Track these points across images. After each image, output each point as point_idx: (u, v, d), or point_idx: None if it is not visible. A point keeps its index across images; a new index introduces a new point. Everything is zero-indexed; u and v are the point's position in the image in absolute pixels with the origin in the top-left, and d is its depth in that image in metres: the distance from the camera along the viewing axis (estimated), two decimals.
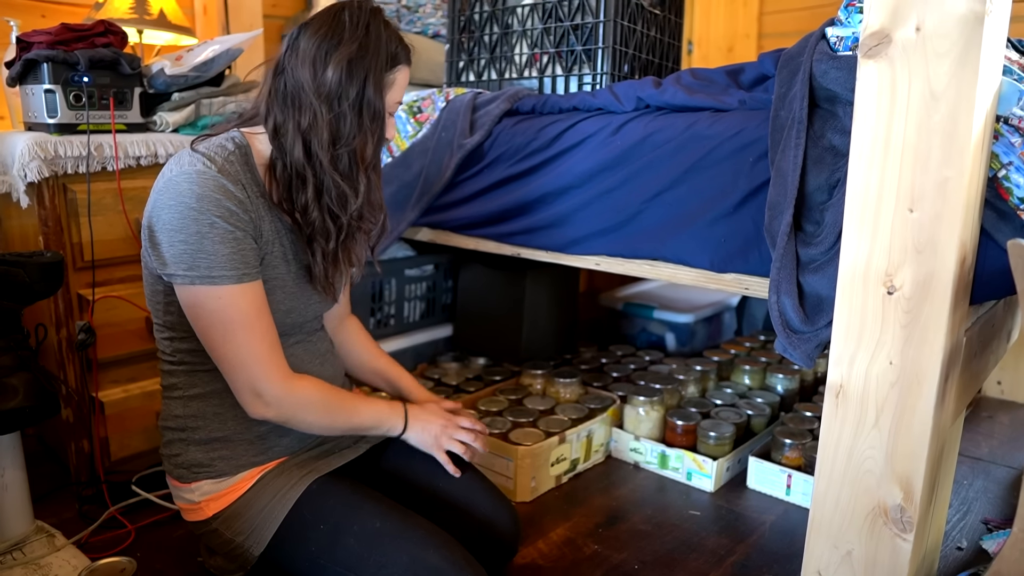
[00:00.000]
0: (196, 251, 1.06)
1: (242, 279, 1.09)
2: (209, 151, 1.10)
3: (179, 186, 1.06)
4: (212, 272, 1.06)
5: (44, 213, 1.52)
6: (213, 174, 1.07)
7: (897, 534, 0.96)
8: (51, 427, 1.75)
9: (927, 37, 0.84)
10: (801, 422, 1.84)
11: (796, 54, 1.19)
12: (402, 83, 1.21)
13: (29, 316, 1.46)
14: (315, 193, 1.15)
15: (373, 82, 1.13)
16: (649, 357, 2.29)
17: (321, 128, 1.11)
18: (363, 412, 1.24)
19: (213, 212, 1.06)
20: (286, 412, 1.14)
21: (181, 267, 1.07)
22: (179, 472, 1.21)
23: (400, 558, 1.09)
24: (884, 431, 0.95)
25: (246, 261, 1.10)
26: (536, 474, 1.65)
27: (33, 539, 1.37)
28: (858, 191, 0.92)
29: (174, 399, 1.22)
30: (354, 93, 1.12)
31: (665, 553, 1.46)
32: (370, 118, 1.15)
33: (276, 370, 1.12)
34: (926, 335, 0.90)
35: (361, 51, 1.13)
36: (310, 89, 1.11)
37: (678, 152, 1.30)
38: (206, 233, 1.06)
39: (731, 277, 1.28)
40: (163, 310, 1.18)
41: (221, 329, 1.09)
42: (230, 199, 1.08)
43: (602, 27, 1.69)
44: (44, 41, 1.51)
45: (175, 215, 1.06)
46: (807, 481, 1.62)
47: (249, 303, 1.10)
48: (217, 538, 1.20)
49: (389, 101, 1.18)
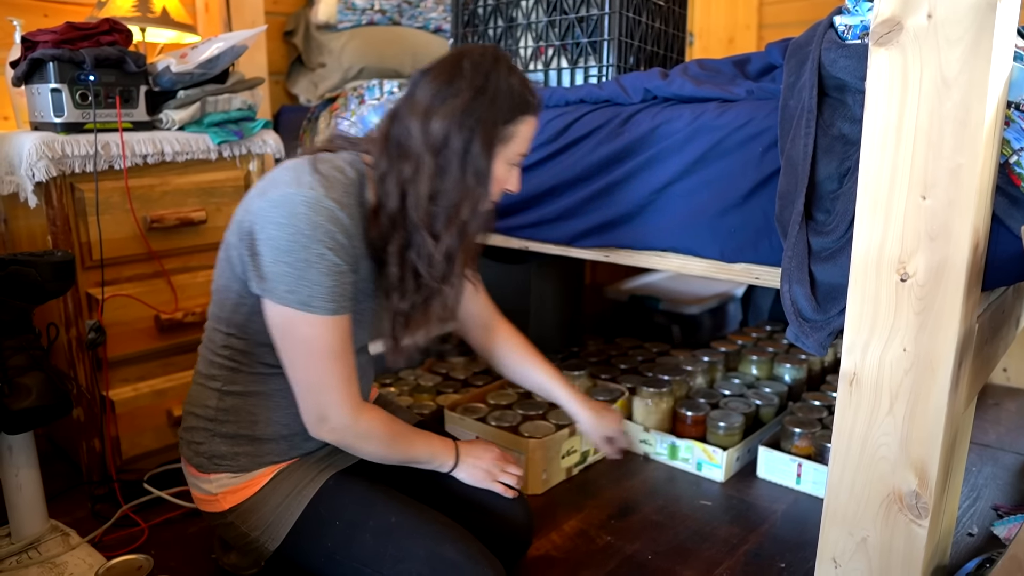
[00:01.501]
0: (299, 277, 1.04)
1: (337, 312, 1.08)
2: (329, 176, 1.08)
3: (295, 207, 1.04)
4: (312, 301, 1.05)
5: (52, 212, 1.52)
6: (330, 204, 1.05)
7: (912, 520, 0.96)
8: (62, 426, 1.75)
9: (939, 24, 0.84)
10: (810, 411, 1.84)
11: (804, 43, 1.19)
12: (526, 135, 1.14)
13: (39, 316, 1.47)
14: (401, 246, 1.12)
15: (482, 137, 1.08)
16: (656, 349, 2.29)
17: (421, 181, 1.08)
18: (418, 447, 1.22)
19: (325, 243, 1.04)
20: (348, 440, 1.14)
21: (281, 287, 1.05)
22: (198, 460, 1.21)
23: (417, 553, 1.10)
24: (898, 418, 0.95)
25: (344, 294, 1.08)
26: (547, 467, 1.66)
27: (48, 538, 1.37)
28: (870, 179, 0.92)
29: (210, 389, 1.21)
30: (460, 147, 1.07)
31: (678, 543, 1.46)
32: (473, 176, 1.09)
33: (348, 400, 1.11)
34: (940, 322, 0.90)
35: (475, 103, 1.07)
36: (418, 139, 1.08)
37: (686, 143, 1.30)
38: (314, 262, 1.04)
39: (741, 267, 1.28)
40: (231, 308, 1.16)
41: (305, 354, 1.08)
42: (342, 232, 1.06)
43: (607, 19, 1.69)
44: (49, 40, 1.51)
45: (285, 236, 1.04)
46: (817, 470, 1.63)
47: (338, 335, 1.09)
48: (232, 531, 1.21)
49: (510, 154, 1.13)
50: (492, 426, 1.72)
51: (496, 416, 1.77)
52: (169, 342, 1.71)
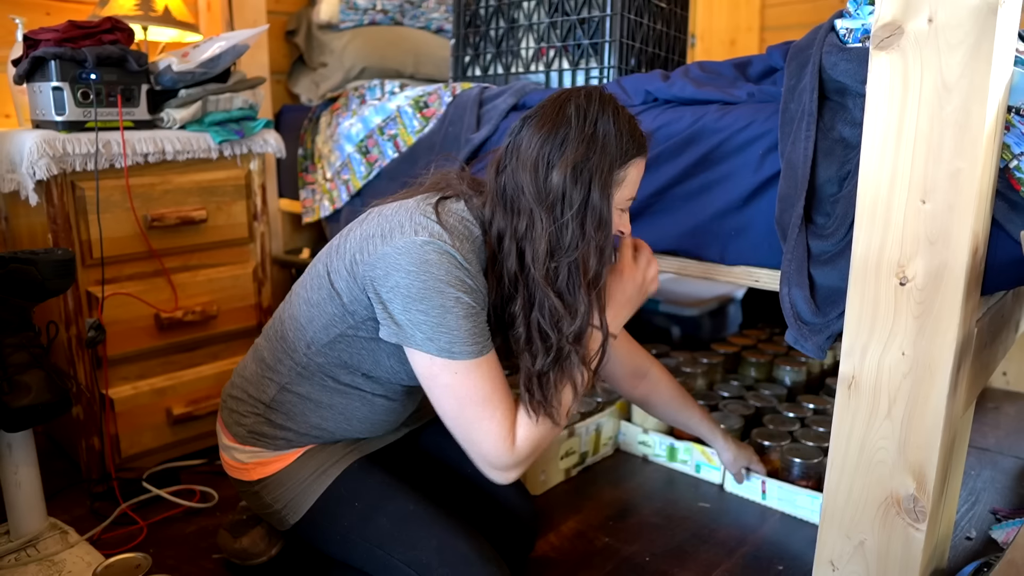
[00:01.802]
0: (438, 324, 1.02)
1: (480, 353, 1.04)
2: (457, 230, 1.05)
3: (426, 255, 1.01)
4: (453, 347, 1.02)
5: (53, 211, 1.52)
6: (457, 255, 1.02)
7: (910, 524, 0.96)
8: (61, 424, 1.76)
9: (940, 28, 0.84)
10: (782, 423, 1.77)
11: (805, 46, 1.19)
12: (635, 178, 1.10)
13: (40, 314, 1.47)
14: (525, 307, 1.08)
15: (600, 185, 1.03)
16: (656, 350, 2.29)
17: (539, 237, 1.03)
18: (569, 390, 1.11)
19: (458, 287, 1.02)
20: (524, 466, 1.10)
21: (419, 335, 1.03)
22: (236, 430, 1.23)
23: (430, 542, 1.12)
24: (896, 422, 0.95)
25: (484, 333, 1.05)
26: (546, 468, 1.66)
27: (46, 536, 1.37)
28: (870, 182, 0.93)
29: (272, 381, 1.21)
30: (579, 200, 1.03)
31: (676, 545, 1.46)
32: (595, 226, 1.04)
33: (504, 443, 1.06)
34: (939, 326, 0.90)
35: (589, 152, 1.03)
36: (531, 195, 1.04)
37: (687, 145, 1.30)
38: (451, 308, 1.01)
39: (741, 270, 1.28)
40: (321, 327, 1.14)
41: (455, 402, 1.06)
42: (472, 277, 1.04)
43: (609, 21, 1.69)
44: (51, 38, 1.51)
45: (417, 283, 1.01)
46: (782, 487, 1.57)
47: (483, 377, 1.05)
48: (257, 500, 1.23)
49: (621, 199, 1.10)
50: None
51: None
52: (169, 341, 1.71)
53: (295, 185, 2.21)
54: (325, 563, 1.27)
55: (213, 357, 1.80)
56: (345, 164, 1.97)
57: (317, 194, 2.10)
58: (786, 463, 1.62)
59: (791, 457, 1.60)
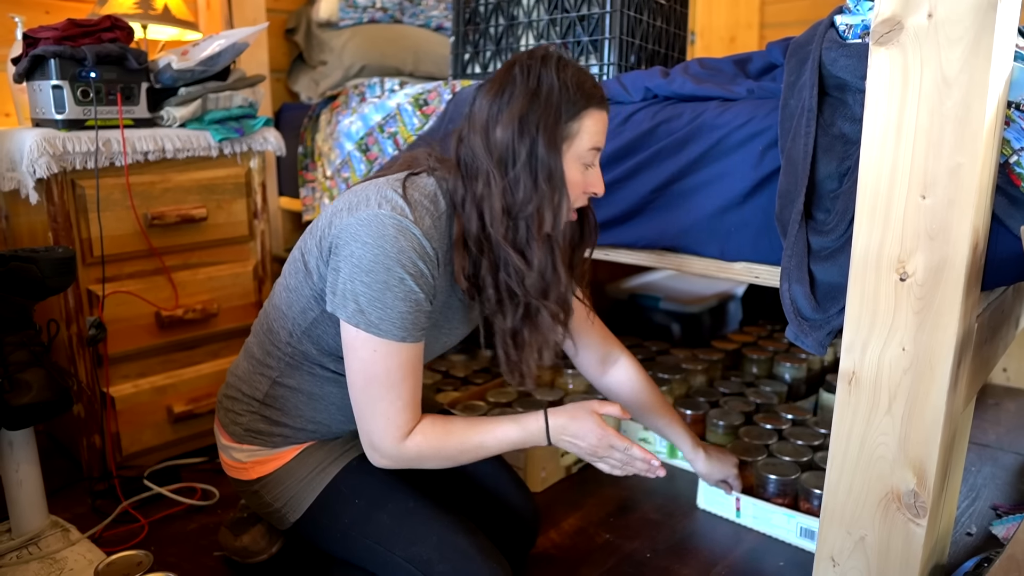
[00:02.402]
0: (374, 299, 1.02)
1: (404, 339, 1.05)
2: (421, 204, 1.07)
3: (384, 228, 1.02)
4: (381, 324, 1.03)
5: (53, 209, 1.52)
6: (418, 232, 1.03)
7: (910, 519, 0.96)
8: (62, 423, 1.76)
9: (939, 23, 0.84)
10: (759, 436, 1.68)
11: (805, 42, 1.19)
12: (592, 129, 1.08)
13: (40, 312, 1.47)
14: (491, 269, 1.09)
15: (546, 138, 1.04)
16: (656, 347, 2.29)
17: (494, 196, 1.05)
18: (489, 440, 1.12)
19: (407, 268, 1.02)
20: (402, 465, 1.11)
21: (351, 305, 1.03)
22: (233, 429, 1.23)
23: (430, 538, 1.13)
24: (897, 417, 0.95)
25: (416, 324, 1.06)
26: (546, 465, 1.66)
27: (48, 534, 1.37)
28: (870, 178, 0.93)
29: (263, 376, 1.22)
30: (525, 153, 1.04)
31: (676, 542, 1.46)
32: (546, 179, 1.05)
33: (397, 432, 1.08)
34: (939, 321, 0.90)
35: (532, 105, 1.04)
36: (482, 156, 1.06)
37: (687, 142, 1.30)
38: (393, 286, 1.02)
39: (741, 266, 1.28)
40: (300, 311, 1.15)
41: (364, 377, 1.07)
42: (427, 262, 1.05)
43: (608, 17, 1.69)
44: (51, 37, 1.51)
45: (368, 254, 1.02)
46: (756, 505, 1.49)
47: (399, 363, 1.06)
48: (257, 500, 1.24)
49: (580, 151, 1.08)
50: None
51: (496, 414, 1.77)
52: (169, 339, 1.71)
53: (295, 183, 2.21)
54: (326, 561, 1.27)
55: (213, 355, 1.80)
56: (345, 162, 1.97)
57: (317, 192, 2.10)
58: (761, 480, 1.52)
59: (766, 473, 1.50)
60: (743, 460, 1.54)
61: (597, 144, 1.10)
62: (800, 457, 1.56)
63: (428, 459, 1.11)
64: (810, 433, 1.68)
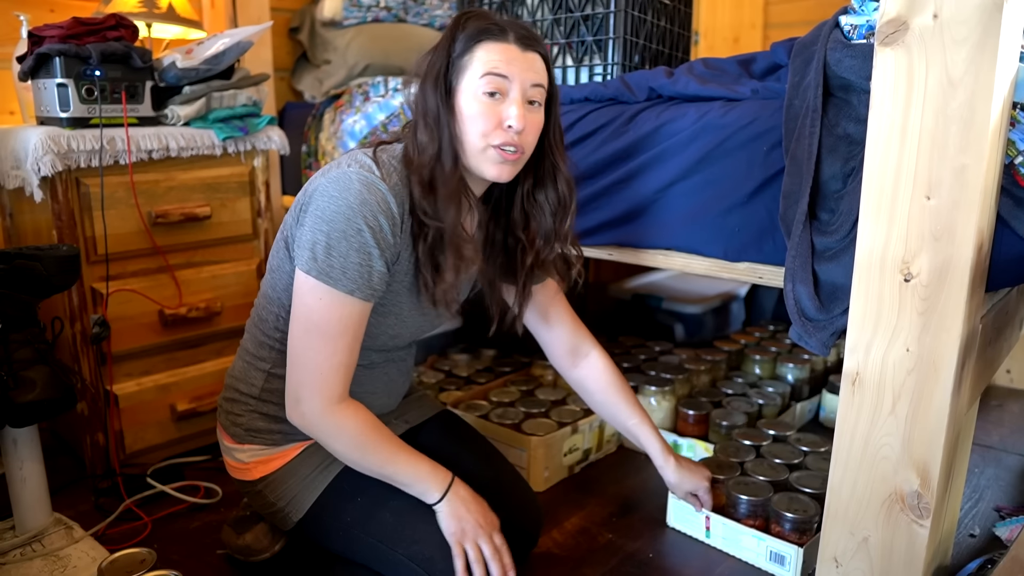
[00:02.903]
0: (329, 246, 1.05)
1: (352, 293, 1.06)
2: (388, 164, 1.11)
3: (350, 183, 1.05)
4: (331, 272, 1.05)
5: (57, 207, 1.52)
6: (383, 187, 1.07)
7: (914, 520, 0.96)
8: (65, 420, 1.76)
9: (945, 24, 0.84)
10: (735, 452, 1.60)
11: (810, 43, 1.18)
12: (486, 57, 1.08)
13: (45, 310, 1.47)
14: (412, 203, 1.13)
15: (431, 81, 1.09)
16: (659, 347, 2.29)
17: (409, 139, 1.12)
18: (400, 464, 1.14)
19: (367, 219, 1.05)
20: (315, 431, 1.12)
21: (307, 253, 1.06)
22: (234, 430, 1.24)
23: (433, 536, 1.13)
24: (901, 418, 0.95)
25: (366, 280, 1.07)
26: (549, 464, 1.66)
27: (51, 531, 1.38)
28: (875, 179, 0.92)
29: (257, 369, 1.23)
30: (421, 101, 1.11)
31: (679, 541, 1.46)
32: (433, 117, 1.10)
33: (326, 391, 1.09)
34: (943, 322, 0.90)
35: (433, 56, 1.11)
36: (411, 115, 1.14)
37: (691, 142, 1.30)
38: (350, 235, 1.04)
39: (745, 266, 1.28)
40: (283, 288, 1.17)
41: (304, 325, 1.08)
42: (387, 218, 1.07)
43: (613, 17, 1.69)
44: (56, 35, 1.52)
45: (332, 205, 1.05)
46: (727, 525, 1.41)
47: (341, 316, 1.07)
48: (260, 500, 1.24)
49: (472, 81, 1.08)
50: (494, 423, 1.72)
51: (499, 413, 1.77)
52: (173, 337, 1.71)
53: (299, 182, 2.21)
54: (328, 559, 1.27)
55: (217, 354, 1.80)
56: None
57: None
58: (732, 500, 1.43)
59: (737, 493, 1.41)
60: (715, 477, 1.46)
61: (494, 70, 1.07)
62: (776, 477, 1.47)
63: (345, 440, 1.11)
64: (789, 451, 1.60)
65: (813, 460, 1.56)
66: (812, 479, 1.47)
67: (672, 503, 1.50)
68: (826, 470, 1.40)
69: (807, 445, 1.63)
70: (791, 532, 1.36)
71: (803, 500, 1.39)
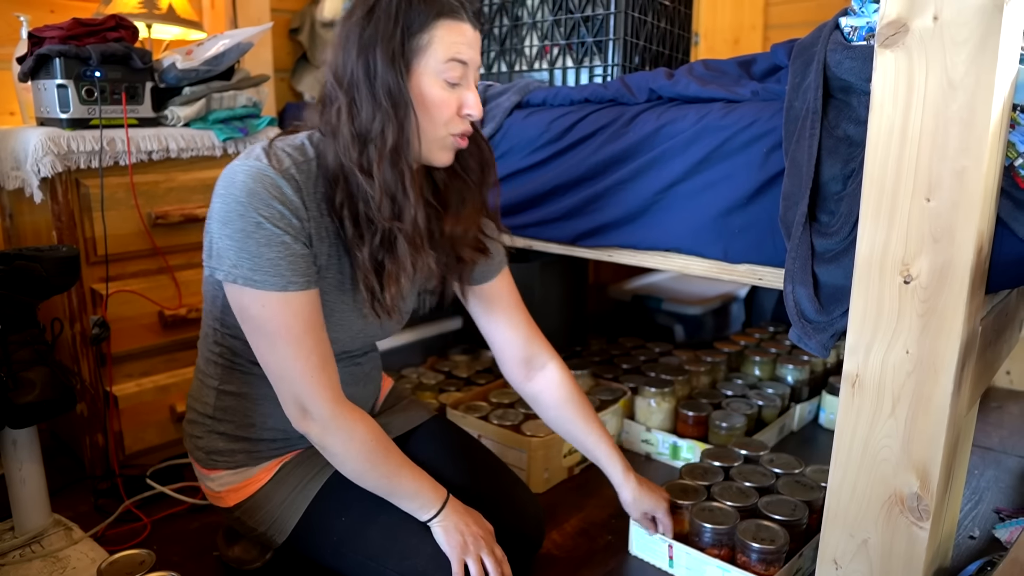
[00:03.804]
0: (240, 249, 0.99)
1: (287, 287, 1.00)
2: (280, 152, 1.04)
3: (235, 176, 1.00)
4: (255, 276, 0.99)
5: (57, 208, 1.52)
6: (271, 173, 1.00)
7: (913, 522, 0.96)
8: (65, 421, 1.76)
9: (945, 26, 0.84)
10: (703, 475, 1.50)
11: (810, 44, 1.18)
12: (448, 39, 1.01)
13: (44, 311, 1.47)
14: (348, 198, 1.04)
15: (386, 56, 0.98)
16: (659, 349, 2.29)
17: (343, 124, 1.01)
18: (405, 477, 1.11)
19: (260, 211, 0.98)
20: (330, 436, 1.06)
21: (226, 262, 1.00)
22: (198, 455, 1.22)
23: (423, 550, 1.10)
24: (900, 420, 0.95)
25: (294, 269, 1.01)
26: (549, 465, 1.66)
27: (51, 532, 1.38)
28: (875, 180, 0.92)
29: (207, 387, 1.20)
30: (364, 74, 0.99)
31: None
32: (386, 96, 0.99)
33: (326, 389, 1.05)
34: (943, 324, 0.90)
35: (369, 21, 0.99)
36: (332, 85, 1.03)
37: (691, 143, 1.30)
38: (251, 232, 0.98)
39: (745, 268, 1.28)
40: (211, 300, 1.15)
41: (265, 339, 1.03)
42: (282, 202, 1.00)
43: (613, 18, 1.69)
44: (56, 36, 1.52)
45: (223, 205, 1.00)
46: (690, 555, 1.32)
47: (294, 314, 1.02)
48: (242, 525, 1.22)
49: (435, 66, 1.01)
50: (494, 424, 1.72)
51: (498, 415, 1.77)
52: (172, 338, 1.71)
53: None
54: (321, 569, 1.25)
55: None
56: None
57: None
58: (695, 527, 1.34)
59: (701, 521, 1.33)
60: (676, 503, 1.38)
61: (457, 56, 1.02)
62: (744, 502, 1.39)
63: (358, 443, 1.07)
64: (760, 473, 1.50)
65: (785, 484, 1.46)
66: (782, 506, 1.37)
67: (634, 529, 1.41)
68: (798, 495, 1.40)
69: (780, 467, 1.54)
70: (757, 563, 1.27)
71: (771, 529, 1.30)
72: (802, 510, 1.36)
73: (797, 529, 1.33)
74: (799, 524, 1.34)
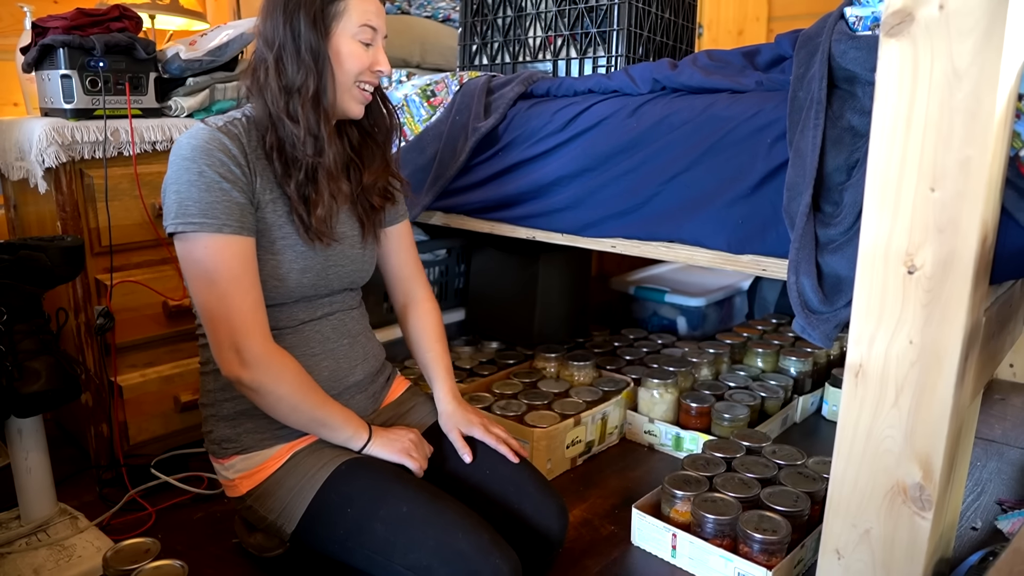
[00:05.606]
0: (184, 198, 1.09)
1: (222, 229, 1.10)
2: (217, 121, 1.15)
3: (180, 144, 1.12)
4: (194, 218, 1.09)
5: (62, 198, 1.52)
6: (211, 130, 1.12)
7: (916, 512, 0.96)
8: (70, 411, 1.77)
9: (950, 15, 0.84)
10: (704, 466, 1.51)
11: (814, 34, 1.18)
12: (360, 8, 1.17)
13: (49, 301, 1.47)
14: (277, 144, 1.17)
15: (308, 19, 1.13)
16: (661, 340, 2.29)
17: (271, 80, 1.14)
18: (333, 408, 1.22)
19: (203, 161, 1.09)
20: (262, 376, 1.13)
21: (171, 216, 1.10)
22: (213, 448, 1.25)
23: (427, 543, 1.10)
24: (904, 410, 0.95)
25: (229, 213, 1.11)
26: (552, 456, 1.66)
27: (56, 521, 1.38)
28: (879, 170, 0.92)
29: (206, 374, 1.26)
30: (290, 36, 1.13)
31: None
32: (309, 53, 1.14)
33: (259, 329, 1.13)
34: (946, 314, 0.90)
35: None
36: (262, 49, 1.16)
37: (695, 134, 1.29)
38: (194, 181, 1.09)
39: (748, 258, 1.28)
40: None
41: (205, 280, 1.11)
42: (223, 152, 1.11)
43: (617, 9, 1.68)
44: (60, 26, 1.52)
45: (172, 169, 1.11)
46: (694, 543, 1.34)
47: (232, 256, 1.11)
48: (254, 514, 1.23)
49: (351, 29, 1.17)
50: (497, 415, 1.72)
51: (501, 405, 1.77)
52: (177, 328, 1.71)
53: None
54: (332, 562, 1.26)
55: None
56: None
57: None
58: (698, 518, 1.35)
59: (703, 512, 1.34)
60: (680, 495, 1.40)
61: (369, 23, 1.18)
62: (746, 493, 1.39)
63: (288, 381, 1.15)
64: (763, 464, 1.51)
65: (787, 475, 1.46)
66: (784, 497, 1.38)
67: (636, 519, 1.42)
68: (800, 486, 1.41)
69: (782, 458, 1.54)
70: (760, 554, 1.28)
71: (773, 520, 1.31)
72: (804, 501, 1.36)
73: (799, 520, 1.34)
74: (801, 515, 1.34)
